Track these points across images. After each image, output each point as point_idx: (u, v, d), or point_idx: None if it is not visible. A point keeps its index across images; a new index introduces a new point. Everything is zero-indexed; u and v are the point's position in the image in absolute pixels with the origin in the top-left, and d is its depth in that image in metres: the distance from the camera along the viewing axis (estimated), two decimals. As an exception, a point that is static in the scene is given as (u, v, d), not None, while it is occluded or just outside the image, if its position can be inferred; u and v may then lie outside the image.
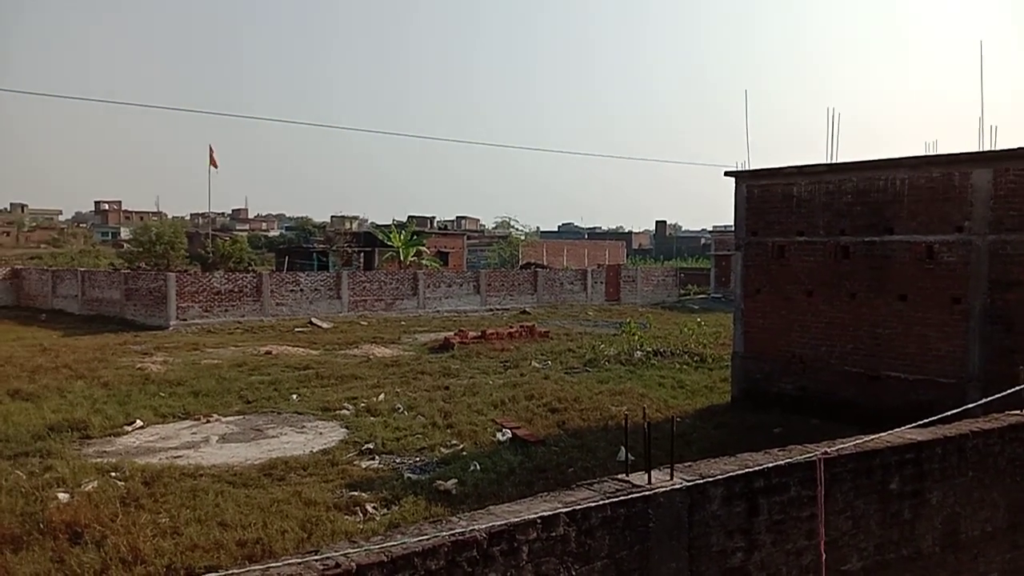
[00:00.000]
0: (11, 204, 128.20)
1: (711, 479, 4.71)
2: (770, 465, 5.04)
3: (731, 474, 4.81)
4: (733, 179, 15.61)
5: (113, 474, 10.44)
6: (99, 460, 11.25)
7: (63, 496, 9.36)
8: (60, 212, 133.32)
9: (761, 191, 15.18)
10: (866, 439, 5.76)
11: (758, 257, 15.25)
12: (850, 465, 5.51)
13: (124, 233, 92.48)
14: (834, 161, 14.56)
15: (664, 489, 4.45)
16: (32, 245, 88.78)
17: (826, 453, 5.28)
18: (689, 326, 24.04)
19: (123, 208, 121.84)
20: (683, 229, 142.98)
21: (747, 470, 4.93)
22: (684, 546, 4.61)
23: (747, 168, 15.53)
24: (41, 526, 8.29)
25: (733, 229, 16.21)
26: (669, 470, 4.72)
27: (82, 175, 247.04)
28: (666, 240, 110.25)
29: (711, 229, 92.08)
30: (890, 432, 6.04)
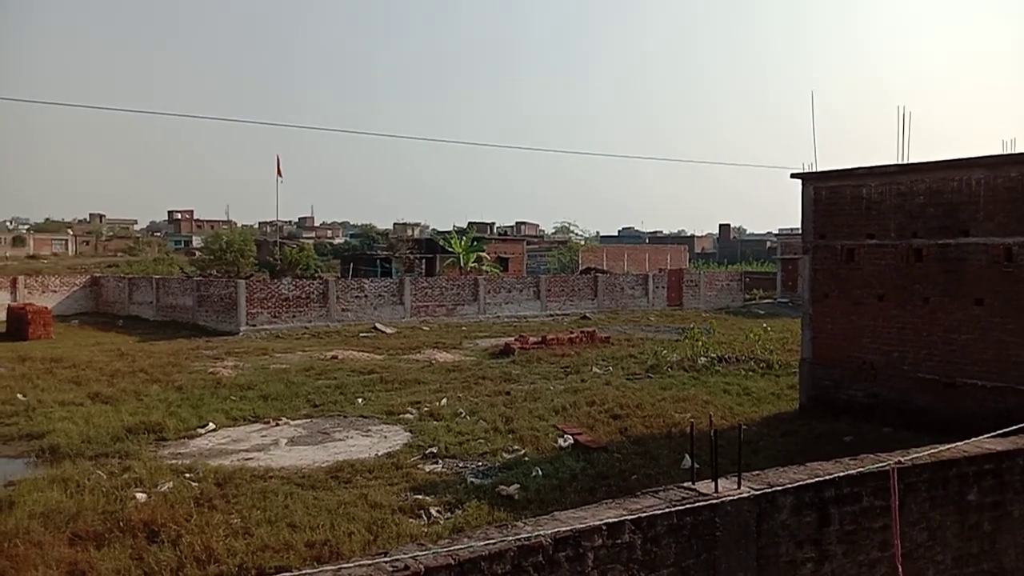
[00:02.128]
0: (90, 215, 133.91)
1: (780, 488, 4.64)
2: (841, 474, 4.93)
3: (801, 483, 4.72)
4: (800, 181, 15.28)
5: (187, 475, 10.79)
6: (174, 461, 11.64)
7: (141, 496, 9.71)
8: (136, 222, 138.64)
9: (829, 193, 14.82)
10: (942, 448, 5.58)
11: (826, 260, 14.89)
12: (925, 475, 5.35)
13: (196, 242, 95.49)
14: (904, 161, 14.13)
15: (732, 498, 4.40)
16: (110, 254, 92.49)
17: (900, 463, 5.14)
18: (755, 331, 23.56)
19: (195, 217, 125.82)
20: (748, 232, 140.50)
21: (817, 479, 4.84)
22: (752, 555, 4.54)
23: (814, 170, 15.18)
24: (121, 524, 8.61)
25: (800, 232, 15.85)
26: (736, 478, 4.66)
27: (156, 186, 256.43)
28: (730, 244, 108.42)
29: (777, 232, 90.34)
30: (967, 441, 5.84)
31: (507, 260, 52.94)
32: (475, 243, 46.46)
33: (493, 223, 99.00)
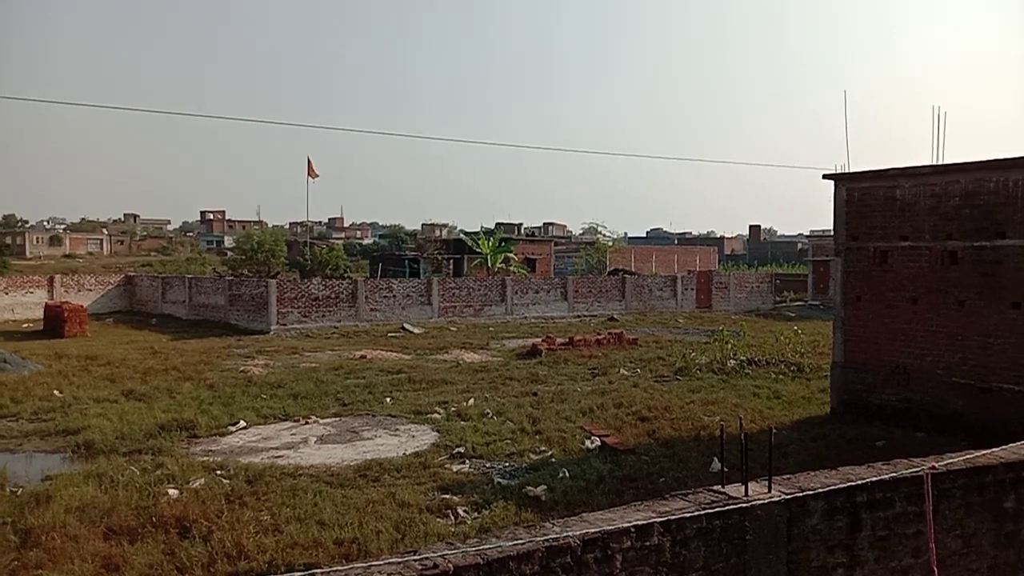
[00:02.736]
0: (124, 215, 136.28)
1: (811, 492, 4.59)
2: (874, 479, 4.87)
3: (832, 488, 4.67)
4: (832, 182, 15.11)
5: (218, 472, 10.94)
6: (206, 458, 11.80)
7: (173, 492, 9.86)
8: (169, 222, 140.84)
9: (862, 194, 14.63)
10: (977, 454, 5.49)
11: (859, 263, 14.70)
12: (960, 481, 5.26)
13: (228, 241, 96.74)
14: (939, 162, 13.90)
15: (762, 501, 4.36)
16: (143, 253, 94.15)
17: (934, 468, 5.06)
18: (785, 334, 23.34)
19: (227, 217, 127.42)
20: (778, 234, 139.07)
21: (849, 484, 4.78)
22: (782, 560, 4.50)
23: (846, 170, 15.00)
24: (154, 520, 8.75)
25: (832, 234, 15.66)
26: (767, 482, 4.62)
27: (189, 187, 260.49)
28: (760, 245, 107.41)
29: (808, 234, 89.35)
30: (1004, 447, 5.73)
31: (535, 261, 52.92)
32: (503, 244, 46.50)
33: (521, 224, 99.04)
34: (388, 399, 16.46)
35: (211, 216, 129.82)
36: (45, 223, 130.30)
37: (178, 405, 15.50)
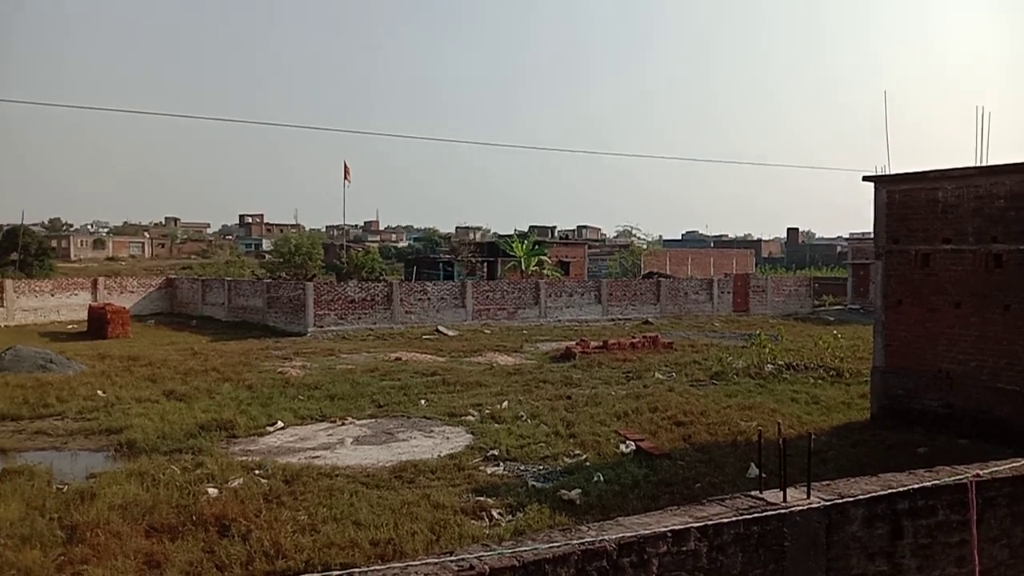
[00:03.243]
0: (165, 218, 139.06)
1: (851, 499, 4.52)
2: (915, 486, 4.78)
3: (873, 494, 4.60)
4: (872, 184, 14.86)
5: (257, 472, 11.09)
6: (244, 458, 11.98)
7: (213, 491, 10.02)
8: (208, 225, 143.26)
9: (903, 196, 14.37)
10: (1025, 462, 5.35)
11: (900, 266, 14.44)
12: (1006, 489, 5.14)
13: (266, 244, 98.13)
14: (984, 163, 13.59)
15: (800, 507, 4.31)
16: (184, 256, 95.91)
17: (978, 476, 4.95)
18: (824, 339, 22.97)
19: (265, 221, 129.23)
20: (817, 236, 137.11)
21: (890, 491, 4.70)
22: (821, 567, 4.44)
23: (886, 172, 14.75)
24: (194, 518, 8.91)
25: (872, 236, 15.41)
26: (805, 488, 4.57)
27: (228, 191, 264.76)
28: (798, 248, 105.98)
29: (847, 236, 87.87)
30: (1053, 456, 5.58)
31: (568, 264, 52.83)
32: (536, 247, 46.50)
33: (554, 227, 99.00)
34: (423, 401, 16.55)
35: (250, 219, 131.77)
36: (89, 227, 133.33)
37: (217, 405, 15.75)
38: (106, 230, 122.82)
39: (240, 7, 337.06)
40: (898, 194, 14.46)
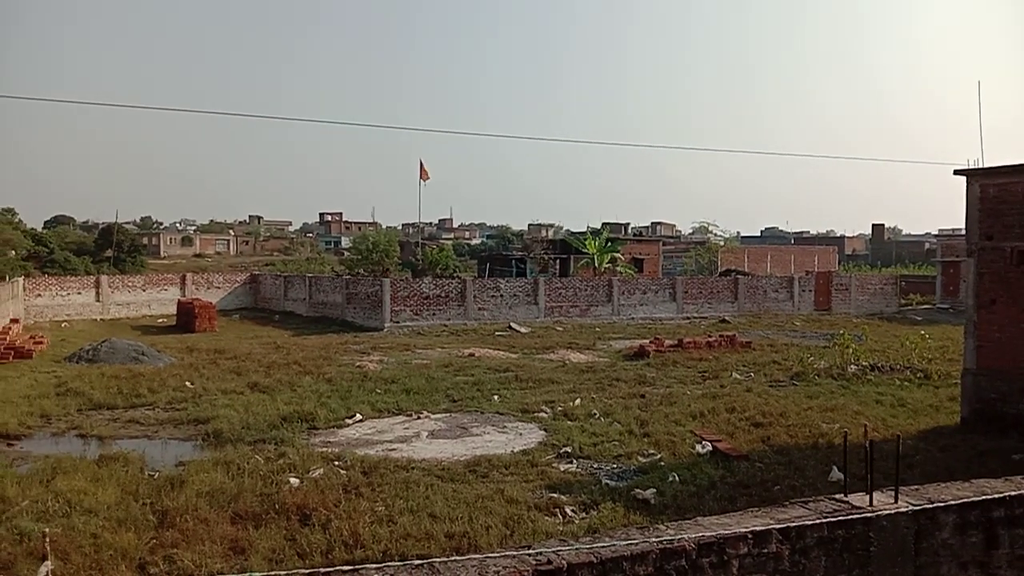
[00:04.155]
0: (249, 216, 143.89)
1: (942, 504, 4.34)
2: (1012, 494, 4.56)
3: (965, 500, 4.41)
4: (964, 178, 14.21)
5: (336, 463, 11.36)
6: (324, 449, 12.29)
7: (294, 481, 10.31)
8: (290, 223, 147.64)
9: (998, 191, 13.68)
10: None
11: (994, 264, 13.76)
12: (1114, 500, 4.84)
13: (344, 242, 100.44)
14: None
15: (888, 512, 4.16)
16: (267, 253, 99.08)
17: (1083, 485, 4.68)
18: (911, 339, 22.08)
19: (343, 219, 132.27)
20: (903, 233, 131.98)
21: (984, 497, 4.50)
22: (909, 574, 4.28)
23: (980, 165, 14.07)
24: (276, 507, 9.17)
25: (964, 233, 14.72)
26: (893, 492, 4.41)
27: (308, 189, 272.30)
28: (884, 245, 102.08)
29: (936, 233, 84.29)
30: None
31: (642, 261, 52.28)
32: (609, 244, 46.13)
33: (628, 223, 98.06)
34: (496, 397, 16.66)
35: (329, 218, 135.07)
36: (177, 225, 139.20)
37: (299, 398, 16.20)
38: (193, 228, 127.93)
39: (314, 10, 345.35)
40: (992, 188, 13.78)
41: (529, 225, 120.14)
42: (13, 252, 48.36)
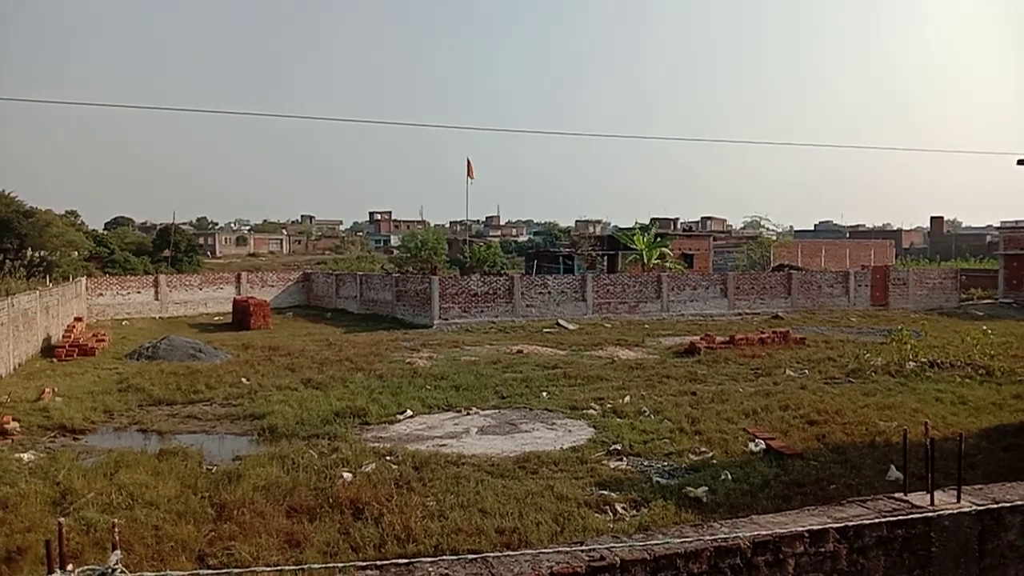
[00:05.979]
0: (301, 216, 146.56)
1: (1008, 504, 4.21)
2: (1084, 495, 4.39)
3: (1033, 501, 4.26)
4: (1029, 168, 13.72)
5: (388, 458, 11.50)
6: (376, 445, 12.45)
7: (347, 475, 10.47)
8: (341, 222, 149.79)
9: (1066, 181, 13.19)
10: None
11: (1062, 257, 13.26)
12: None
13: (394, 240, 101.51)
14: None
15: (950, 511, 4.05)
16: (318, 252, 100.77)
17: None
18: (973, 334, 21.41)
19: (392, 218, 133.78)
20: (963, 225, 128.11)
21: (1054, 499, 4.34)
22: (973, 577, 4.16)
23: (1047, 155, 13.56)
24: (330, 501, 9.34)
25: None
26: (955, 492, 4.29)
27: (358, 189, 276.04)
28: (943, 238, 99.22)
29: (998, 225, 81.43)
30: None
31: (692, 256, 51.63)
32: (658, 239, 45.66)
33: (677, 219, 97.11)
34: (544, 393, 16.65)
35: (379, 216, 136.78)
36: (232, 224, 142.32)
37: (351, 394, 16.43)
38: (247, 228, 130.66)
39: (360, 9, 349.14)
40: (1060, 178, 13.28)
41: (576, 222, 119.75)
42: (76, 253, 50.03)
